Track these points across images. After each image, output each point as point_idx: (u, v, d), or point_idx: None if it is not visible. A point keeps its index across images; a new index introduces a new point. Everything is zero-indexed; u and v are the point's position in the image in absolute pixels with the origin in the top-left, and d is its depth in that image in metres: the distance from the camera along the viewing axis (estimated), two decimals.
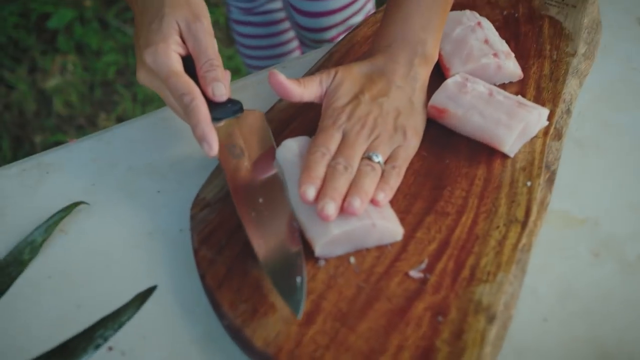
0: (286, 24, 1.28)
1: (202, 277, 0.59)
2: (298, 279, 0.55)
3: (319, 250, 0.58)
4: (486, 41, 0.73)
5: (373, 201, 0.59)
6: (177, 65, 0.64)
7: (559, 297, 0.58)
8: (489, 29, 0.75)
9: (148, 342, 0.57)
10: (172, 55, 0.64)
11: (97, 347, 0.56)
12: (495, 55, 0.71)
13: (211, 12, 0.66)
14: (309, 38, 1.13)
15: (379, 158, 0.62)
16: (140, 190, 0.68)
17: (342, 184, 0.59)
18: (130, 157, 0.71)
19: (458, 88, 0.67)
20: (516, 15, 0.80)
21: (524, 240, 0.59)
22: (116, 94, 1.95)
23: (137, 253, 0.63)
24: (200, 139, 0.61)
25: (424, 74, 0.69)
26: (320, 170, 0.60)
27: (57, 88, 1.95)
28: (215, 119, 0.63)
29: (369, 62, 0.68)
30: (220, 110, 0.64)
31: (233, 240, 0.61)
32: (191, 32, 0.65)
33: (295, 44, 1.31)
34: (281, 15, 1.26)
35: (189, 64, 0.65)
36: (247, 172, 0.63)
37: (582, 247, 0.61)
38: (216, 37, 0.66)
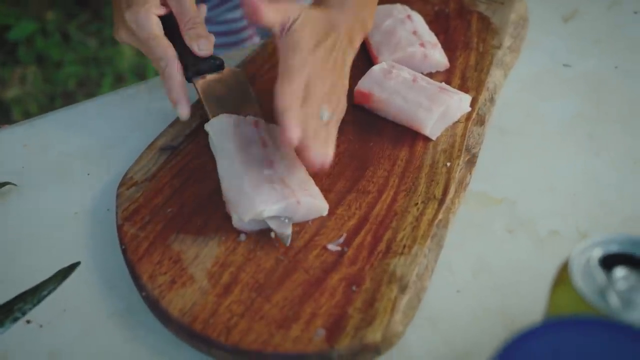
0: (246, 34, 1.29)
1: (124, 252, 0.59)
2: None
3: (240, 223, 0.59)
4: (414, 32, 0.75)
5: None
6: (157, 27, 0.67)
7: (473, 270, 0.59)
8: (418, 22, 0.77)
9: (68, 316, 0.58)
10: (152, 17, 0.67)
11: (15, 320, 0.56)
12: (422, 44, 0.74)
13: None
14: None
15: (327, 112, 0.61)
16: (70, 173, 0.69)
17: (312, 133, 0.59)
18: (62, 142, 0.72)
19: (383, 74, 0.69)
20: (447, 10, 0.83)
21: (440, 216, 0.61)
22: None
23: (62, 232, 0.64)
24: (174, 102, 0.66)
25: (355, 50, 0.68)
26: (296, 116, 0.60)
27: (16, 98, 1.95)
28: (198, 74, 0.68)
29: (326, 13, 0.65)
30: (203, 65, 0.68)
31: (157, 217, 0.62)
32: None
33: None
34: (242, 24, 1.28)
35: (169, 22, 0.69)
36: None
37: (498, 225, 0.63)
38: None
